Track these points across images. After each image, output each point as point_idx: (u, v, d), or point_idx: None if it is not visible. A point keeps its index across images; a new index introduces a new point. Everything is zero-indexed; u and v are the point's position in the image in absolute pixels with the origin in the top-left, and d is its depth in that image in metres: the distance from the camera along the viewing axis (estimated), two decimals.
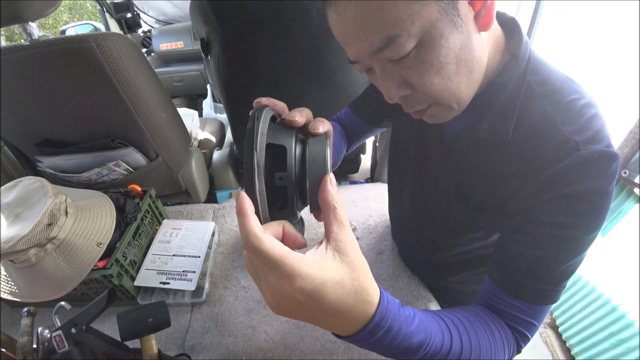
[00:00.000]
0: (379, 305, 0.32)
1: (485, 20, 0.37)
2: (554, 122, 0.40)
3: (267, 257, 0.27)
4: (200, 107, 2.12)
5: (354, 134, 0.77)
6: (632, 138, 0.99)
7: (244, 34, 0.86)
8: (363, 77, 1.00)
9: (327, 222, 0.30)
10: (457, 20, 0.35)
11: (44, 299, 0.66)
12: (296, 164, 0.29)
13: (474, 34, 0.37)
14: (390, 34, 0.34)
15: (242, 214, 0.28)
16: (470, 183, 0.51)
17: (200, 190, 1.19)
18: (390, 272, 0.83)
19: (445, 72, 0.38)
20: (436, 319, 0.40)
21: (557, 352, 1.46)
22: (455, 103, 0.42)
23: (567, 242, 0.42)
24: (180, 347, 0.73)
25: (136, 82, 0.82)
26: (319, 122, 0.33)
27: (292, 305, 0.29)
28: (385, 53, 0.36)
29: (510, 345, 0.45)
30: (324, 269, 0.28)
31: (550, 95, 0.41)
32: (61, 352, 0.46)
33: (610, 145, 0.39)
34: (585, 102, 0.40)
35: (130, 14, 2.01)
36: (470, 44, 0.37)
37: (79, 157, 0.93)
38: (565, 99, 0.41)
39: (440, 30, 0.34)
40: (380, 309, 0.32)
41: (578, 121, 0.40)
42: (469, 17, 0.36)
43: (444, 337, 0.39)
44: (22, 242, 0.61)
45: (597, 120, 0.40)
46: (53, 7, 0.75)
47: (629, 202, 1.08)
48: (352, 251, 0.30)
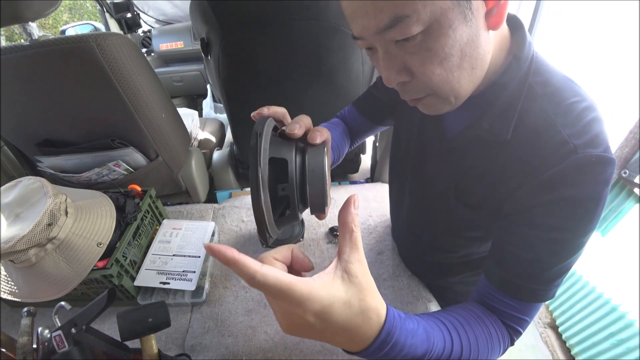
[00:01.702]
0: (386, 322, 0.33)
1: (496, 20, 0.37)
2: (554, 124, 0.40)
3: (276, 290, 0.27)
4: (200, 107, 2.12)
5: (357, 132, 0.78)
6: (632, 138, 0.99)
7: (244, 34, 0.86)
8: (363, 77, 1.00)
9: (342, 242, 0.32)
10: (468, 14, 0.34)
11: (44, 299, 0.66)
12: (297, 175, 0.32)
13: (482, 31, 0.37)
14: (400, 13, 0.33)
15: (232, 262, 0.27)
16: (470, 182, 0.51)
17: (200, 190, 1.19)
18: (390, 272, 0.84)
19: (448, 64, 0.37)
20: (437, 323, 0.41)
21: (557, 352, 1.46)
22: (452, 97, 0.41)
23: (561, 244, 0.42)
24: (180, 347, 0.73)
25: (136, 82, 0.82)
26: (316, 132, 0.34)
27: (302, 326, 0.30)
28: (391, 33, 0.35)
29: (505, 339, 0.47)
30: (332, 290, 0.29)
31: (551, 96, 0.42)
32: (61, 352, 0.46)
33: (608, 150, 0.39)
34: (586, 105, 0.41)
35: (130, 14, 2.01)
36: (477, 40, 0.37)
37: (79, 157, 0.93)
38: (566, 101, 0.41)
39: (449, 20, 0.34)
40: (386, 326, 0.33)
41: (577, 124, 0.40)
42: (480, 13, 0.36)
43: (445, 342, 0.40)
44: (22, 242, 0.61)
45: (596, 123, 0.40)
46: (53, 7, 0.75)
47: (629, 202, 1.08)
48: (360, 273, 0.31)
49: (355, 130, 0.77)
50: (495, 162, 0.46)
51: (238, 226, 0.98)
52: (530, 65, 0.42)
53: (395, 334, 0.33)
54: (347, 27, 0.86)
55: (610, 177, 0.39)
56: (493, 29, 0.38)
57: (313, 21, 0.83)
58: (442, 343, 0.39)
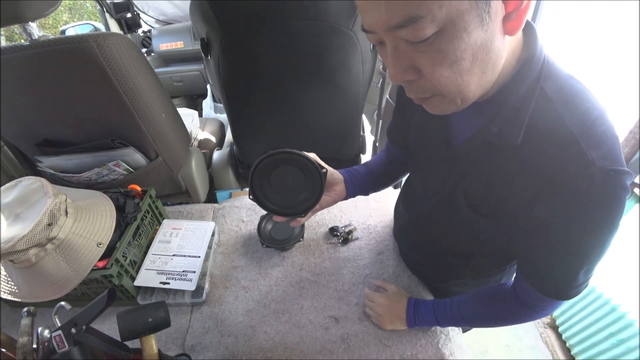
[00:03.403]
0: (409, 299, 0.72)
1: (514, 24, 0.35)
2: (571, 132, 0.39)
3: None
4: (200, 107, 2.12)
5: (401, 161, 0.77)
6: (632, 138, 0.99)
7: (244, 34, 0.86)
8: (363, 77, 1.00)
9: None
10: (486, 17, 0.33)
11: (44, 299, 0.66)
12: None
13: (498, 36, 0.35)
14: (414, 14, 0.31)
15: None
16: (478, 190, 0.50)
17: (200, 190, 1.19)
18: (390, 272, 0.84)
19: (458, 67, 0.36)
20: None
21: (557, 352, 1.46)
22: (459, 99, 0.40)
23: (584, 252, 0.44)
24: (180, 347, 0.73)
25: (136, 82, 0.82)
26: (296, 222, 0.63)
27: (393, 310, 0.71)
28: (403, 32, 0.33)
29: (520, 304, 0.55)
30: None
31: (565, 103, 0.40)
32: (61, 352, 0.46)
33: (624, 163, 0.39)
34: (599, 113, 0.39)
35: (130, 14, 2.01)
36: (491, 45, 0.35)
37: (79, 157, 0.93)
38: (580, 108, 0.40)
39: (465, 23, 0.32)
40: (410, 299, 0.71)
41: (593, 134, 0.38)
42: (498, 17, 0.34)
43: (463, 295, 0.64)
44: (22, 242, 0.61)
45: (609, 133, 0.39)
46: (53, 7, 0.75)
47: (629, 202, 1.08)
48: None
49: (397, 161, 0.77)
50: (505, 168, 0.45)
51: (238, 226, 0.98)
52: (542, 68, 0.41)
53: (418, 300, 0.70)
54: (347, 27, 0.86)
55: (629, 188, 0.39)
56: (510, 34, 0.36)
57: (313, 21, 0.83)
58: (462, 296, 0.64)
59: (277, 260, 0.88)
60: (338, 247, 0.91)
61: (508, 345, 1.52)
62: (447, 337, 0.71)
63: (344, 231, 0.92)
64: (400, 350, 0.69)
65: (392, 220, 0.95)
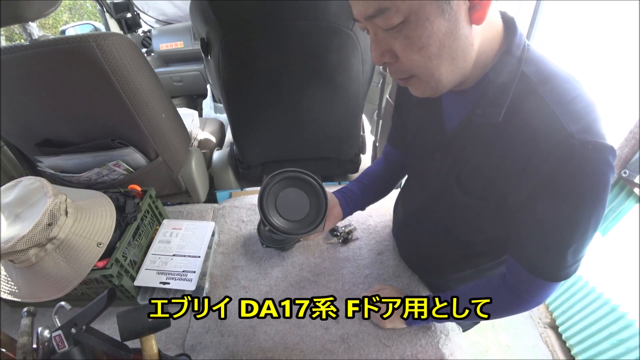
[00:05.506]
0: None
1: (478, 15, 0.39)
2: (551, 110, 0.41)
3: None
4: (200, 107, 2.12)
5: (401, 165, 0.80)
6: (632, 138, 0.99)
7: (244, 34, 0.86)
8: (363, 77, 1.00)
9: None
10: (446, 8, 0.37)
11: (44, 299, 0.66)
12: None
13: (464, 25, 0.39)
14: (382, 6, 0.38)
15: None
16: (469, 172, 0.53)
17: (200, 190, 1.19)
18: (391, 272, 0.84)
19: (426, 52, 0.40)
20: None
21: (557, 352, 1.46)
22: (433, 82, 0.44)
23: (568, 228, 0.45)
24: (180, 347, 0.73)
25: (136, 82, 0.82)
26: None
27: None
28: (376, 21, 0.40)
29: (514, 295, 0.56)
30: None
31: (544, 84, 0.43)
32: (61, 352, 0.46)
33: (604, 137, 0.40)
34: (578, 92, 0.42)
35: (130, 14, 2.01)
36: (456, 33, 0.39)
37: (79, 157, 0.93)
38: (559, 87, 0.42)
39: (427, 13, 0.37)
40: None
41: (573, 110, 0.41)
42: (461, 8, 0.38)
43: None
44: (22, 242, 0.61)
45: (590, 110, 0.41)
46: (53, 7, 0.75)
47: (629, 202, 1.08)
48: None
49: (397, 163, 0.80)
50: (492, 148, 0.48)
51: (238, 226, 0.98)
52: (522, 54, 0.44)
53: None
54: (347, 27, 0.86)
55: (611, 163, 0.40)
56: (477, 24, 0.40)
57: (313, 21, 0.83)
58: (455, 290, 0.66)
59: (277, 260, 0.88)
60: (338, 247, 0.91)
61: (508, 345, 1.52)
62: (447, 337, 0.71)
63: (344, 231, 0.92)
64: (400, 350, 0.69)
65: (392, 220, 0.95)
